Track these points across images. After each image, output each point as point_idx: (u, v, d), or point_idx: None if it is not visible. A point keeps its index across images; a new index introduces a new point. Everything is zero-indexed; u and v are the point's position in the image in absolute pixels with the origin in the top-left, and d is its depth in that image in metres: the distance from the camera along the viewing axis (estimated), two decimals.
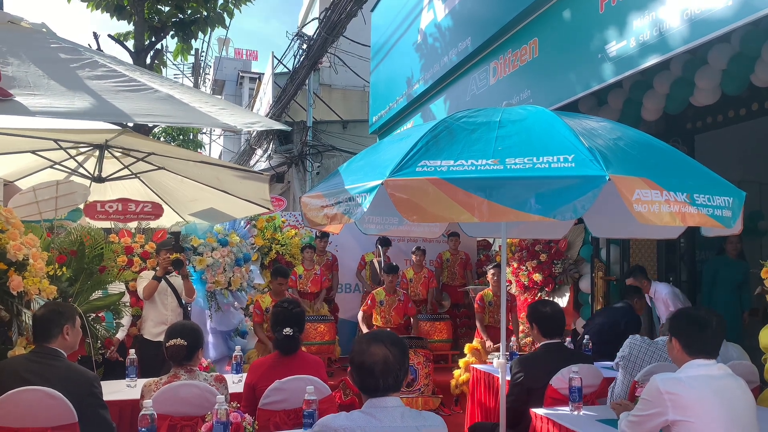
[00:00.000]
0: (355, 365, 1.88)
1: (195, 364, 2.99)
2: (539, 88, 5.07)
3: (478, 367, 4.61)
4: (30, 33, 3.42)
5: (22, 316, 2.87)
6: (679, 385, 2.24)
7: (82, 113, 2.67)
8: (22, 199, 3.97)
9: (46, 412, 2.49)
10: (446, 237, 7.82)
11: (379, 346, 1.85)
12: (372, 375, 1.83)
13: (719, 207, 2.55)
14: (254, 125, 3.35)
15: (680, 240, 5.88)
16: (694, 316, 2.42)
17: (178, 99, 3.09)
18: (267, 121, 3.82)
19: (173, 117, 3.12)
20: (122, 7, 8.49)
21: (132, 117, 2.76)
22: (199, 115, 3.07)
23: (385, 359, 1.83)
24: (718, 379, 2.27)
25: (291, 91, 12.46)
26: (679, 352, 2.38)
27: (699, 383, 2.24)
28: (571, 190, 2.31)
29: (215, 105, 3.30)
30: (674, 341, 2.40)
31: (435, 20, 7.27)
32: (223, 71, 26.81)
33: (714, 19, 3.36)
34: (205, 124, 4.96)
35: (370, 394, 1.86)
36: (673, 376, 2.31)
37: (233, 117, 3.20)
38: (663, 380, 2.27)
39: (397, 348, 1.87)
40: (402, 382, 1.88)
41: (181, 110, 3.03)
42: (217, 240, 5.73)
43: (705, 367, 2.30)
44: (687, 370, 2.32)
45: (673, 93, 4.73)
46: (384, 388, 1.83)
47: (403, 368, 1.87)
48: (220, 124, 3.26)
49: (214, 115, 3.08)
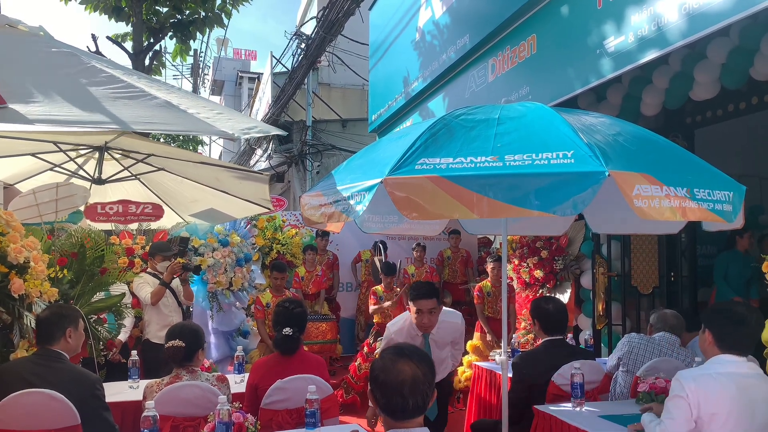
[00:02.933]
0: (378, 384, 1.67)
1: (196, 364, 2.99)
2: (538, 84, 5.06)
3: (480, 365, 4.62)
4: (27, 37, 3.41)
5: (23, 318, 2.87)
6: (707, 381, 2.19)
7: (80, 122, 2.67)
8: (22, 201, 3.96)
9: (48, 414, 2.50)
10: (447, 235, 7.82)
11: (406, 362, 1.66)
12: (400, 395, 1.63)
13: (720, 201, 2.54)
14: (251, 131, 3.35)
15: (681, 235, 5.87)
16: (732, 311, 2.35)
17: (175, 106, 3.10)
18: (264, 126, 3.82)
19: (171, 125, 3.13)
20: (120, 8, 8.49)
21: (130, 125, 2.76)
22: (196, 122, 3.08)
23: (414, 377, 1.64)
24: (745, 377, 2.22)
25: (290, 90, 12.45)
26: (711, 344, 2.32)
27: (727, 380, 2.18)
28: (570, 186, 2.30)
29: (213, 110, 3.30)
30: (707, 333, 2.34)
31: (433, 18, 7.26)
32: (222, 71, 26.84)
33: (712, 13, 3.35)
34: (202, 132, 4.97)
35: (396, 418, 1.66)
36: (699, 372, 2.26)
37: (230, 123, 3.20)
38: (691, 377, 2.21)
39: (426, 365, 1.68)
40: (429, 403, 1.68)
41: (179, 118, 3.04)
42: (217, 240, 5.73)
43: (734, 364, 2.25)
44: (716, 365, 2.26)
45: (673, 88, 4.72)
46: (412, 409, 1.64)
47: (432, 387, 1.68)
48: (218, 132, 3.27)
49: (211, 122, 3.09)
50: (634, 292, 5.87)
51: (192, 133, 10.31)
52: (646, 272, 5.95)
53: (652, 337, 3.51)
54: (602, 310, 5.80)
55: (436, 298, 3.62)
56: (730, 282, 5.73)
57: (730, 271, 5.74)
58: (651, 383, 3.01)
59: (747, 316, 2.29)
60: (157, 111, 2.99)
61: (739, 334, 2.28)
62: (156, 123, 2.98)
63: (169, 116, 3.01)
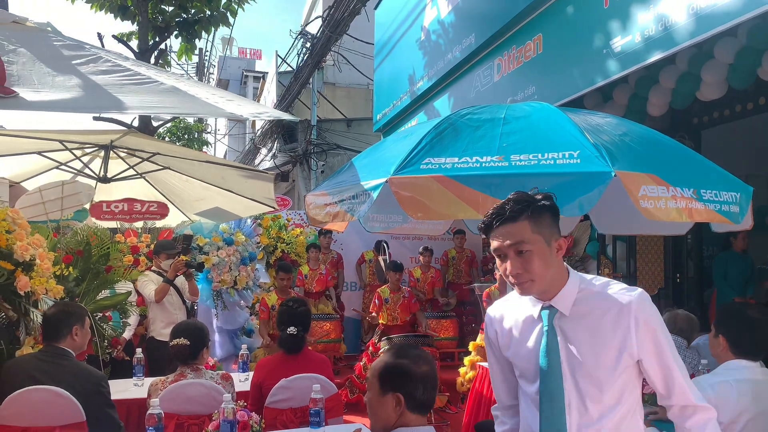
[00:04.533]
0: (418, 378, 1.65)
1: (201, 362, 2.99)
2: (544, 84, 5.04)
3: (484, 365, 4.60)
4: (35, 32, 3.42)
5: (29, 315, 2.88)
6: (728, 389, 2.16)
7: (87, 107, 2.67)
8: (28, 199, 3.98)
9: (54, 411, 2.51)
10: (452, 235, 7.81)
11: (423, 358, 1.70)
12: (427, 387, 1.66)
13: (726, 202, 2.52)
14: (261, 115, 3.33)
15: (687, 236, 5.84)
16: (747, 315, 2.32)
17: (183, 90, 3.07)
18: (274, 112, 3.81)
19: (179, 108, 3.10)
20: (126, 7, 8.51)
21: (138, 110, 2.74)
22: (205, 105, 3.05)
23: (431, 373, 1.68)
24: (761, 384, 2.20)
25: (295, 89, 12.47)
26: (725, 350, 2.29)
27: (744, 387, 2.16)
28: (576, 186, 2.30)
29: (222, 96, 3.28)
30: (721, 338, 2.30)
31: (438, 17, 7.25)
32: (227, 70, 26.86)
33: (720, 13, 3.33)
34: (211, 115, 4.96)
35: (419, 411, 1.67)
36: (719, 380, 2.22)
37: (240, 107, 3.18)
38: (712, 385, 2.18)
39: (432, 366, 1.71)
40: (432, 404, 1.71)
41: (188, 101, 3.01)
42: (222, 239, 5.74)
43: (749, 370, 2.23)
44: (732, 372, 2.24)
45: (679, 88, 4.70)
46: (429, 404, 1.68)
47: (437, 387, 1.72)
48: (227, 114, 3.25)
49: (221, 105, 3.06)
50: None
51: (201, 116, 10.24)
52: (651, 273, 5.92)
53: None
54: None
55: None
56: (730, 282, 5.70)
57: (730, 272, 5.71)
58: None
59: (760, 319, 2.27)
60: (165, 96, 2.97)
61: (754, 338, 2.25)
62: (164, 107, 2.96)
63: (177, 100, 2.99)
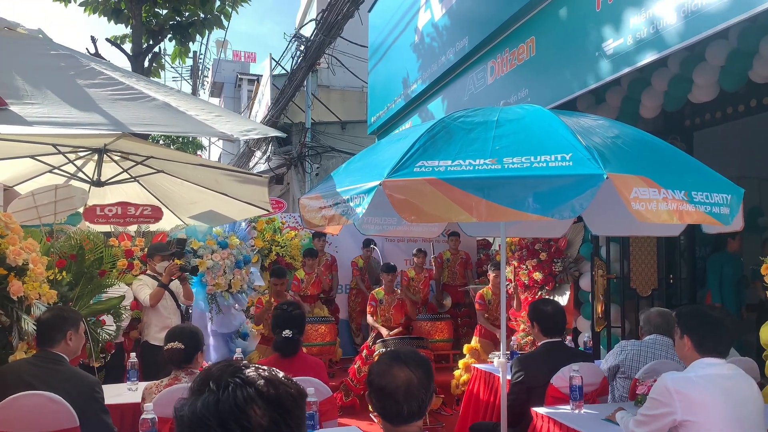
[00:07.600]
0: (374, 389, 1.68)
1: (196, 366, 2.99)
2: (537, 86, 5.06)
3: (478, 366, 4.61)
4: (26, 40, 3.42)
5: (22, 321, 2.87)
6: (690, 384, 2.21)
7: (79, 123, 2.67)
8: (21, 203, 3.96)
9: (48, 416, 2.50)
10: (446, 237, 7.83)
11: (401, 368, 1.66)
12: (394, 400, 1.64)
13: (717, 204, 2.54)
14: (250, 133, 3.36)
15: (680, 237, 5.87)
16: (709, 315, 2.38)
17: (174, 107, 3.11)
18: (263, 128, 3.84)
19: (170, 126, 3.14)
20: (120, 10, 8.50)
21: (129, 127, 2.77)
22: (195, 123, 3.09)
23: (408, 382, 1.64)
24: (728, 378, 2.24)
25: (289, 92, 12.46)
26: (690, 350, 2.34)
27: (709, 383, 2.21)
28: (569, 188, 2.31)
29: (211, 112, 3.31)
30: (686, 339, 2.36)
31: (432, 20, 7.27)
32: (221, 73, 26.83)
33: (711, 16, 3.35)
34: (202, 134, 4.98)
35: (393, 423, 1.67)
36: (683, 375, 2.27)
37: (229, 125, 3.21)
38: (673, 379, 2.24)
39: (421, 370, 1.68)
40: (427, 409, 1.69)
41: (179, 119, 3.05)
42: (216, 242, 5.72)
43: (715, 367, 2.27)
44: (697, 369, 2.28)
45: (671, 90, 4.73)
46: (407, 415, 1.64)
47: (429, 392, 1.68)
48: (217, 133, 3.28)
49: (210, 123, 3.10)
50: (633, 294, 5.87)
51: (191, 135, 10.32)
52: (645, 274, 5.95)
53: (643, 341, 3.51)
54: (601, 312, 5.80)
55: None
56: (724, 284, 5.74)
57: (725, 272, 5.76)
58: (649, 385, 3.01)
59: (723, 318, 2.33)
60: (156, 113, 3.00)
61: (718, 336, 2.31)
62: (155, 125, 2.99)
63: (168, 118, 3.03)
